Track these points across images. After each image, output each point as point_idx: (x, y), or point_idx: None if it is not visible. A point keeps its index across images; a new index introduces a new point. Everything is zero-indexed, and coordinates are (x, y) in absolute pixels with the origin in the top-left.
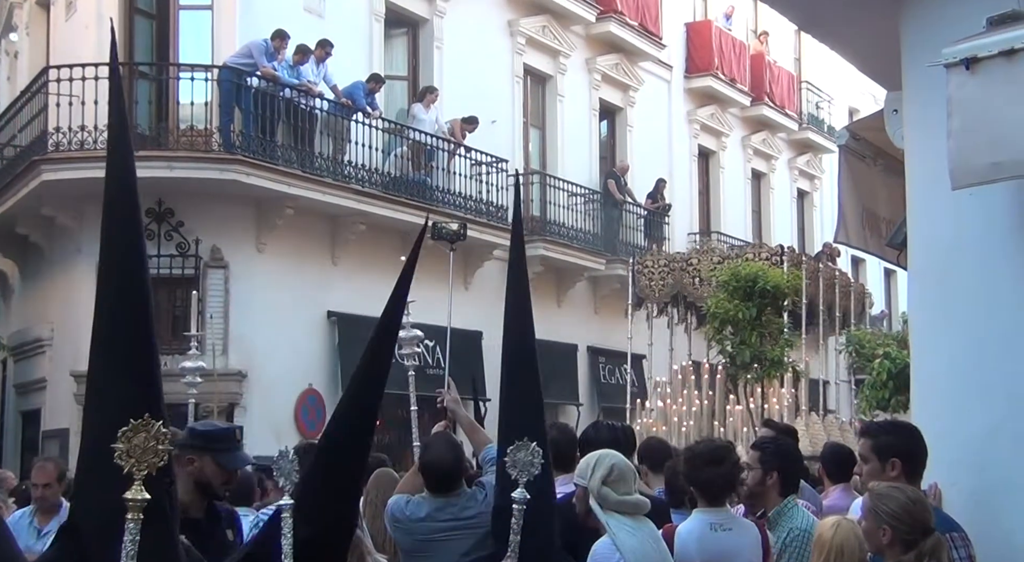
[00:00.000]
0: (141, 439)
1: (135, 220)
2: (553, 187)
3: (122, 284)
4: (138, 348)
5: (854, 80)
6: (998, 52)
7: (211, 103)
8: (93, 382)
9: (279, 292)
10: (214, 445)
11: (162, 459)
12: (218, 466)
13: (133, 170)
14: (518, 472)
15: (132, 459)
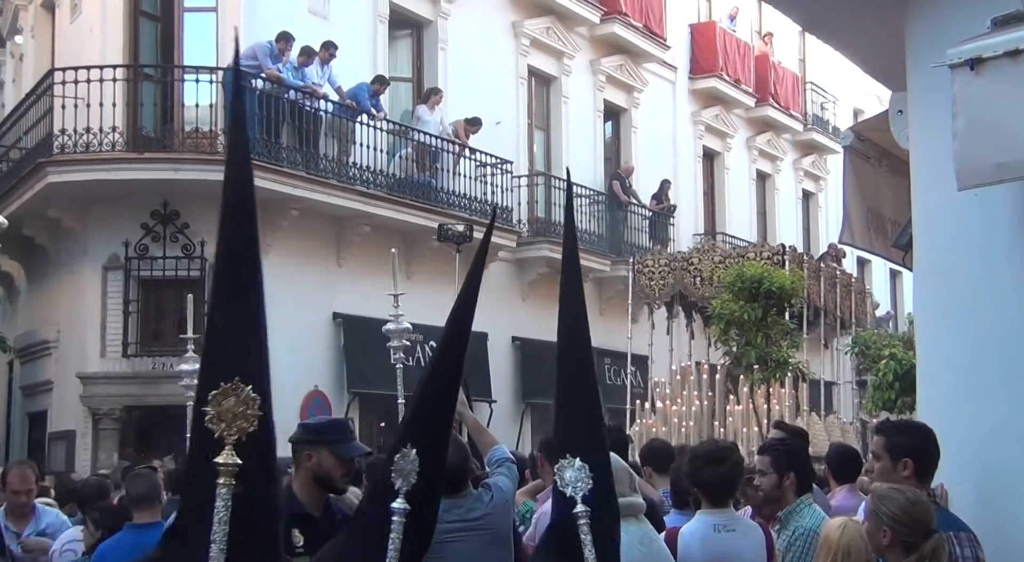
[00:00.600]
0: (231, 403)
1: (252, 222)
2: (558, 188)
3: (233, 287)
4: (242, 325)
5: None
6: (1003, 53)
7: (216, 105)
8: (203, 387)
9: (284, 294)
10: (329, 437)
11: (252, 424)
12: (336, 457)
13: (249, 167)
14: (571, 489)
15: (223, 423)
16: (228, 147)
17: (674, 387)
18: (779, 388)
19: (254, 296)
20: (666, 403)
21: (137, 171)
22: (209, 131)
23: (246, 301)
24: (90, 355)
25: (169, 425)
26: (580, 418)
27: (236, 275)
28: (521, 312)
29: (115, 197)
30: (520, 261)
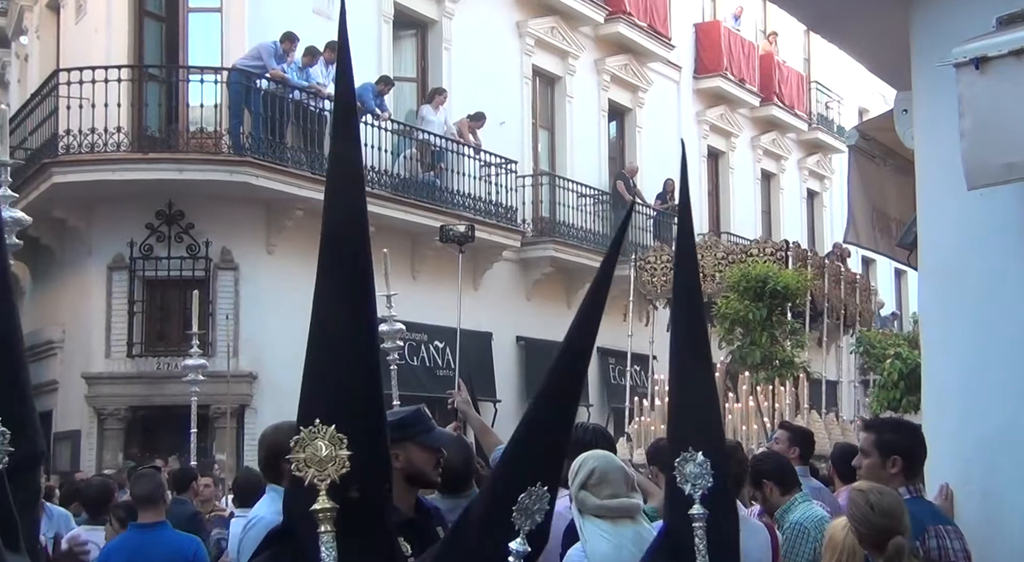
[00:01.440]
0: (317, 447)
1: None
2: (562, 188)
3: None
4: (334, 355)
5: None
6: (1008, 52)
7: (220, 105)
8: (308, 381)
9: (289, 293)
10: (412, 430)
11: (342, 466)
12: (424, 449)
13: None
14: (691, 487)
15: (311, 468)
16: (339, 173)
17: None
18: (779, 386)
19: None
20: (665, 401)
21: (142, 171)
22: (214, 131)
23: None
24: (95, 355)
25: (174, 425)
26: (700, 410)
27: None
28: (525, 312)
29: (120, 197)
30: (524, 261)
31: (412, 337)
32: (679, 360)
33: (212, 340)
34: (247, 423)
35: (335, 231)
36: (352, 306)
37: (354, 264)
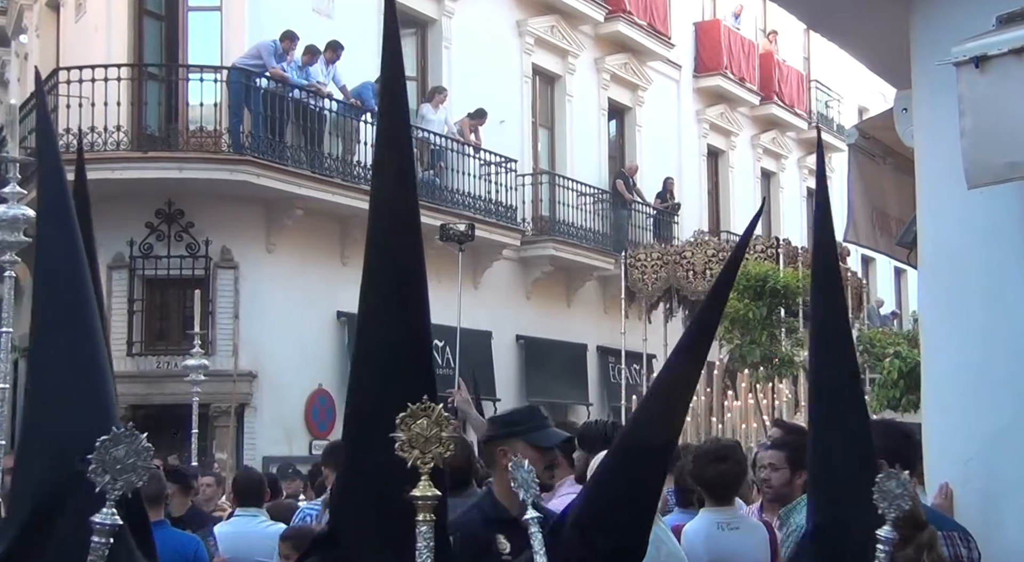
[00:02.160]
0: (422, 426)
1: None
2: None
3: (395, 280)
4: (411, 334)
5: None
6: (1008, 50)
7: (220, 104)
8: (360, 380)
9: (289, 292)
10: (523, 427)
11: (447, 448)
12: (535, 448)
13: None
14: (887, 505)
15: (415, 449)
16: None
17: None
18: (776, 384)
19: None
20: None
21: (142, 170)
22: (213, 130)
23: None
24: None
25: (174, 424)
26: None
27: (398, 288)
28: (525, 311)
29: (120, 196)
30: (524, 260)
31: None
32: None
33: (212, 339)
34: (247, 422)
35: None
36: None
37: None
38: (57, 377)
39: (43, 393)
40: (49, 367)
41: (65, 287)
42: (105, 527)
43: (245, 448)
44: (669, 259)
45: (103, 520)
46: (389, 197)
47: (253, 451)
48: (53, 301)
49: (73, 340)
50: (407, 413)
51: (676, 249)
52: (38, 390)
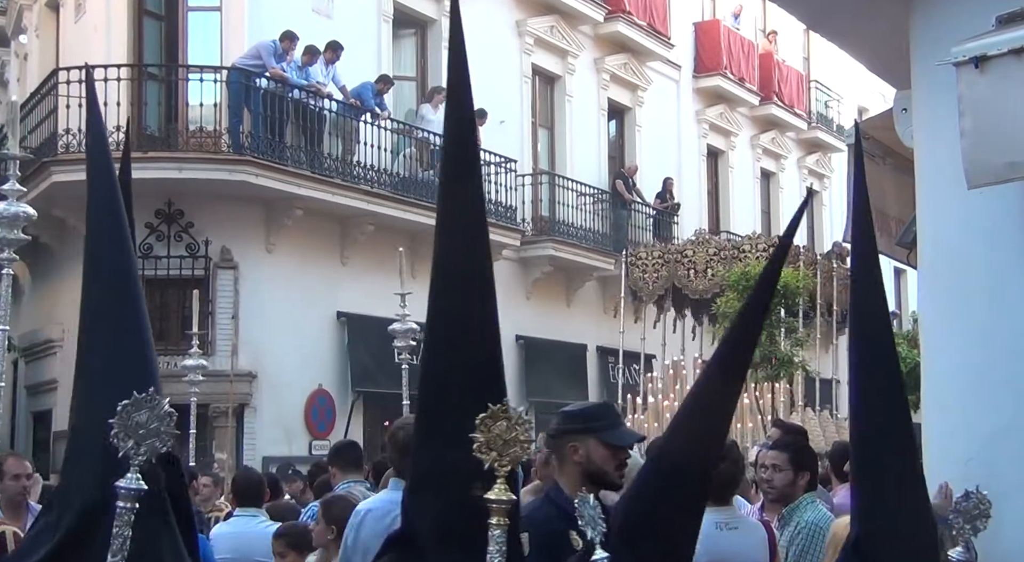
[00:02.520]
0: (501, 428)
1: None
2: (562, 187)
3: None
4: (483, 334)
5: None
6: (1008, 50)
7: (220, 104)
8: (437, 380)
9: (289, 293)
10: (596, 423)
11: (525, 451)
12: (607, 446)
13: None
14: (963, 525)
15: (493, 452)
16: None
17: (666, 382)
18: (772, 383)
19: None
20: (658, 398)
21: (141, 170)
22: (213, 130)
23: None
24: None
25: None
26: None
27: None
28: (525, 311)
29: None
30: (524, 260)
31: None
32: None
33: (212, 339)
34: (246, 422)
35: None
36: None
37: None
38: (106, 373)
39: (91, 390)
40: (98, 363)
41: (115, 281)
42: (130, 492)
43: (245, 448)
44: (670, 258)
45: (128, 485)
46: (462, 218)
47: (253, 451)
48: (103, 295)
49: (122, 335)
50: (487, 414)
51: (677, 248)
52: (86, 387)
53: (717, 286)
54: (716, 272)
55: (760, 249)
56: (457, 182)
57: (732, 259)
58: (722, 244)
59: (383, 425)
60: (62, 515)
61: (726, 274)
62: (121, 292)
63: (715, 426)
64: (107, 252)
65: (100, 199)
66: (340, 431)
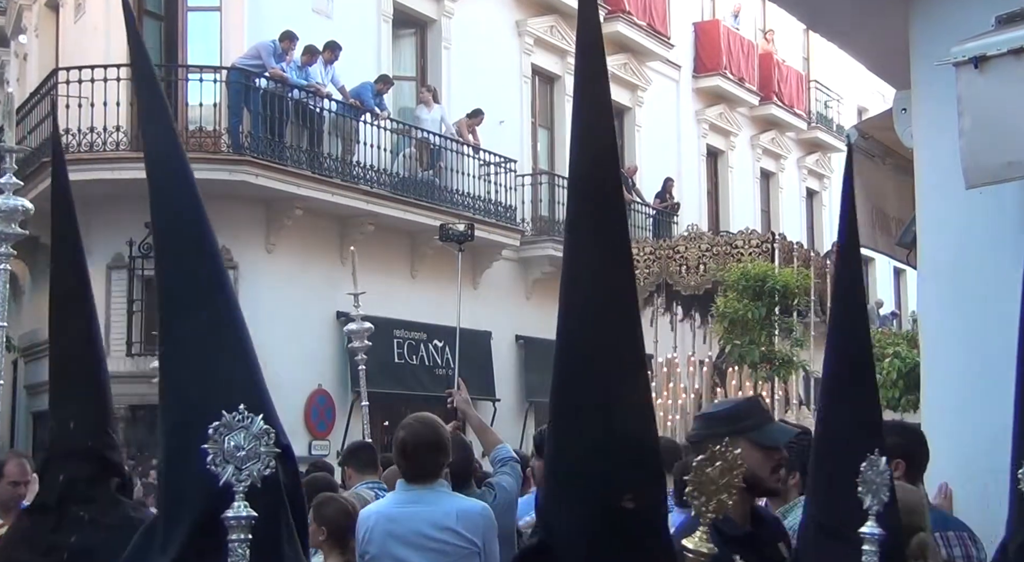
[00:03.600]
0: (715, 472)
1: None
2: (562, 187)
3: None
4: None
5: (863, 79)
6: (1007, 51)
7: (220, 104)
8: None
9: (288, 292)
10: (744, 424)
11: (731, 497)
12: (761, 449)
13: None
14: (870, 499)
15: (702, 496)
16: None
17: (659, 381)
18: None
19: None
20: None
21: (141, 170)
22: (213, 130)
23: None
24: None
25: None
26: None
27: None
28: (525, 311)
29: (119, 196)
30: (524, 260)
31: (411, 336)
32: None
33: None
34: None
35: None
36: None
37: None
38: (191, 394)
39: (178, 414)
40: (190, 359)
41: (199, 269)
42: (241, 522)
43: None
44: (662, 253)
45: (237, 514)
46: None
47: None
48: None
49: (214, 320)
50: (705, 457)
51: (670, 243)
52: (172, 411)
53: (709, 282)
54: (709, 268)
55: (753, 245)
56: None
57: (725, 255)
58: (715, 240)
59: (383, 425)
60: (173, 524)
61: (718, 270)
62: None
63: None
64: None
65: (162, 157)
66: (340, 431)
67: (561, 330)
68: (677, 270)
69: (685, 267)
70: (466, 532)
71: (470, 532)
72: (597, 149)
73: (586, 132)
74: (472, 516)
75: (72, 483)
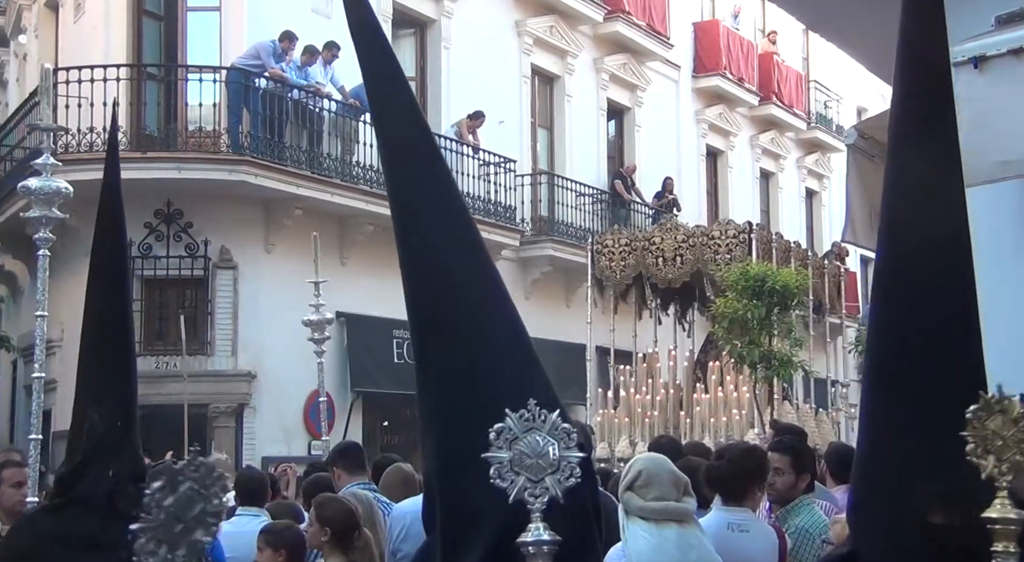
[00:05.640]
0: (997, 424)
1: None
2: (561, 187)
3: None
4: None
5: (862, 79)
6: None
7: (219, 104)
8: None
9: (288, 293)
10: None
11: (1022, 452)
12: None
13: None
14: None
15: (990, 455)
16: None
17: (639, 376)
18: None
19: None
20: (630, 392)
21: (140, 170)
22: (212, 130)
23: None
24: None
25: (172, 424)
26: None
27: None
28: (524, 311)
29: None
30: (523, 260)
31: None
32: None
33: (211, 339)
34: (246, 422)
35: None
36: None
37: None
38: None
39: (459, 385)
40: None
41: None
42: (542, 549)
43: (244, 448)
44: (638, 245)
45: (536, 538)
46: None
47: (252, 451)
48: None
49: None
50: (978, 407)
51: (645, 235)
52: (451, 382)
53: (687, 274)
54: (686, 260)
55: (730, 235)
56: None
57: (702, 246)
58: (690, 231)
59: (382, 425)
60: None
61: (696, 262)
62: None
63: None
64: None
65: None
66: (340, 431)
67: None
68: (653, 262)
69: (661, 259)
70: None
71: None
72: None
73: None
74: None
75: (120, 479)
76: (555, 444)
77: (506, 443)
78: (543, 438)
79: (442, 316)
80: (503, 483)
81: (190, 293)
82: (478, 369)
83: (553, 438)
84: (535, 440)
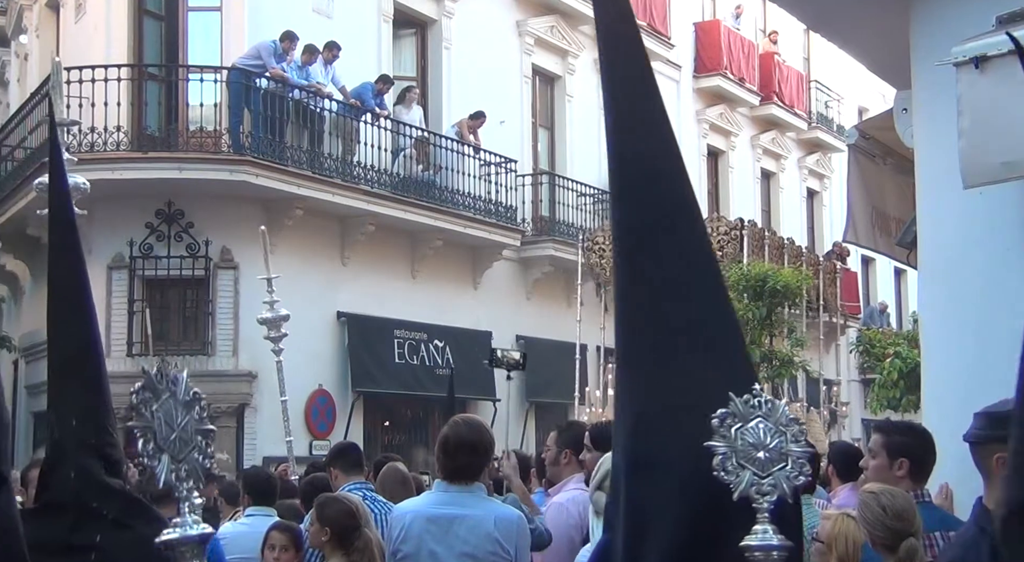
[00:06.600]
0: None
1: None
2: (562, 187)
3: None
4: None
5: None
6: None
7: (220, 104)
8: None
9: (289, 293)
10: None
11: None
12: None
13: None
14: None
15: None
16: None
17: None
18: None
19: None
20: (611, 393)
21: (142, 170)
22: (213, 130)
23: None
24: None
25: None
26: None
27: None
28: (525, 311)
29: (120, 196)
30: (524, 260)
31: (411, 336)
32: None
33: (212, 339)
34: (247, 422)
35: None
36: None
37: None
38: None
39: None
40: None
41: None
42: (772, 555)
43: (245, 448)
44: None
45: (764, 542)
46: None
47: (253, 451)
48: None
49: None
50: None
51: None
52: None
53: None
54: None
55: (722, 231)
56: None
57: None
58: None
59: (383, 426)
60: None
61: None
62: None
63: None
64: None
65: None
66: (340, 431)
67: None
68: None
69: None
70: (503, 539)
71: (506, 540)
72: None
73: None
74: (509, 524)
75: (86, 479)
76: (783, 436)
77: (731, 431)
78: (767, 429)
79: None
80: (727, 476)
81: (191, 293)
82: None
83: (779, 428)
84: (760, 431)
